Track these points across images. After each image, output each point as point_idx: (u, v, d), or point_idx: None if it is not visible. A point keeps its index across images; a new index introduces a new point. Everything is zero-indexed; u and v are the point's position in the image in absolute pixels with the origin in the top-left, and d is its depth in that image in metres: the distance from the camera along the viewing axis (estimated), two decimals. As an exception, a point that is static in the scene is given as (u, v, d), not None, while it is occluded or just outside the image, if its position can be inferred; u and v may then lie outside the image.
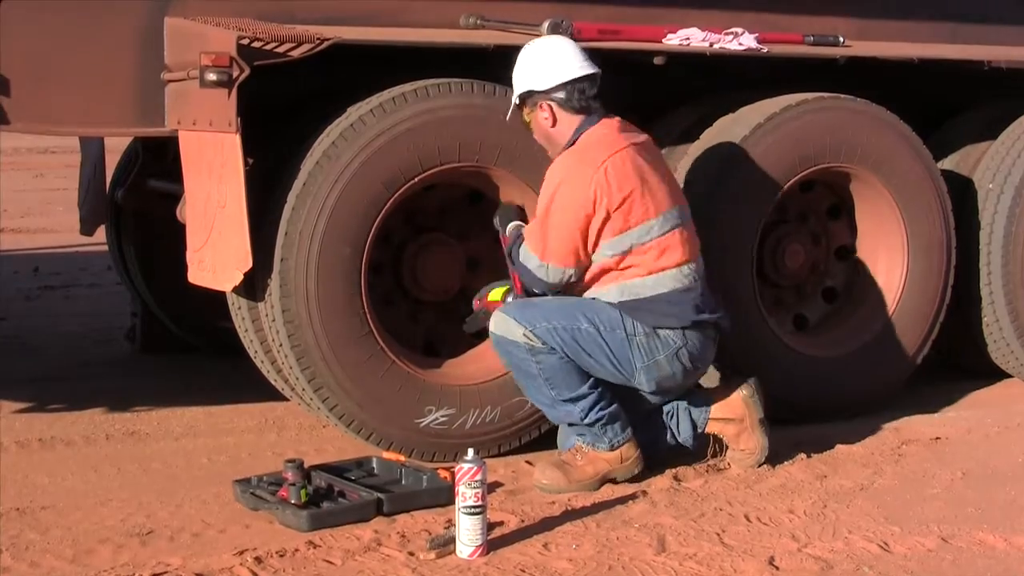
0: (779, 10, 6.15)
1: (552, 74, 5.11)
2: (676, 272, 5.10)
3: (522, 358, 5.02)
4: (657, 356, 5.08)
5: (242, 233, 5.03)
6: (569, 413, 5.07)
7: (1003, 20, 6.84)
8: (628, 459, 5.14)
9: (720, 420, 5.31)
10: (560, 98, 5.11)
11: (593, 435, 5.10)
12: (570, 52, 5.16)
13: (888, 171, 6.15)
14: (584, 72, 5.12)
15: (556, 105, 5.13)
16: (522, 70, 5.17)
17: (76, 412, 6.14)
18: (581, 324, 5.01)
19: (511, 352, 5.04)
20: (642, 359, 5.06)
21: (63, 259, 10.46)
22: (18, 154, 16.94)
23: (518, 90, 5.18)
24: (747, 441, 5.32)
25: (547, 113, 5.14)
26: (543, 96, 5.13)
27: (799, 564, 4.38)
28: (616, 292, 5.08)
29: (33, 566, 4.35)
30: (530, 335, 4.98)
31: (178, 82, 5.08)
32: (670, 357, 5.09)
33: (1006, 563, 4.44)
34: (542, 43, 5.21)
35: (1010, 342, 6.65)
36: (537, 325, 4.99)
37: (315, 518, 4.63)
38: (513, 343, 5.01)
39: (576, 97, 5.11)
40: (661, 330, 5.07)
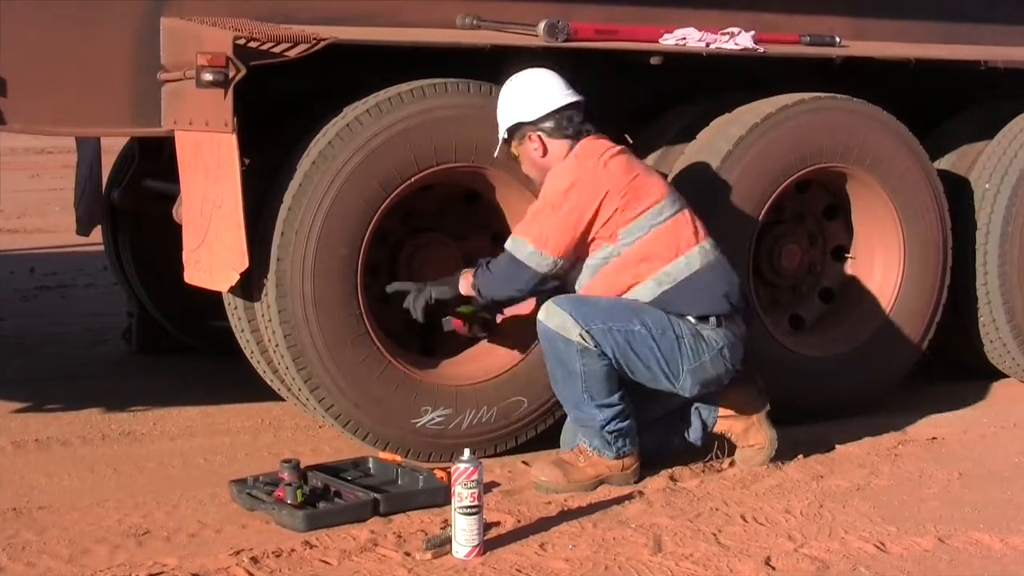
0: (775, 10, 6.15)
1: (538, 104, 5.16)
2: (699, 248, 5.13)
3: (570, 356, 5.00)
4: (703, 358, 5.09)
5: (238, 233, 5.03)
6: (592, 417, 5.08)
7: (1000, 20, 6.84)
8: (628, 468, 5.15)
9: (728, 417, 5.34)
10: (549, 127, 5.16)
11: (603, 442, 5.10)
12: (554, 82, 5.21)
13: (884, 171, 6.15)
14: (569, 100, 5.18)
15: (545, 135, 5.16)
16: (508, 104, 5.21)
17: (72, 412, 6.13)
18: (634, 326, 5.02)
19: (559, 347, 5.02)
20: (689, 361, 5.08)
21: (59, 259, 10.45)
22: (14, 154, 16.92)
23: (505, 124, 5.21)
24: (755, 436, 5.34)
25: (536, 144, 5.17)
26: (531, 127, 5.17)
27: (795, 564, 4.38)
28: (653, 284, 5.09)
29: (29, 566, 4.35)
30: (586, 336, 4.97)
31: (174, 82, 5.08)
32: (715, 357, 5.11)
33: (1002, 563, 4.44)
34: (525, 76, 5.24)
35: (1006, 342, 6.65)
36: (593, 325, 4.98)
37: (311, 518, 4.63)
38: (565, 340, 5.00)
39: (564, 125, 5.16)
40: (704, 330, 5.09)
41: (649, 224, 5.07)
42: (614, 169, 5.07)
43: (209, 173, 5.11)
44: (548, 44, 5.44)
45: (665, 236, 5.08)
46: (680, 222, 5.13)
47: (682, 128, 6.07)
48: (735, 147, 5.82)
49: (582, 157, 5.11)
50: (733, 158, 5.82)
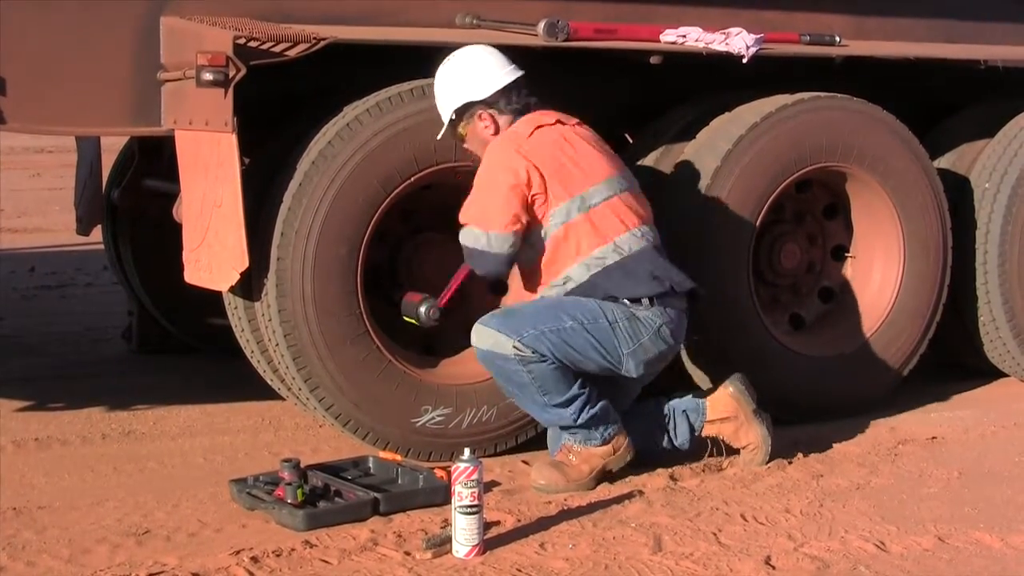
0: (775, 8, 6.14)
1: (487, 82, 5.14)
2: (629, 235, 5.09)
3: (514, 370, 4.99)
4: (642, 339, 5.07)
5: (238, 233, 5.03)
6: (561, 416, 5.07)
7: (1000, 19, 6.84)
8: (620, 448, 5.14)
9: (716, 421, 5.33)
10: (500, 103, 5.14)
11: (585, 433, 5.09)
12: (497, 58, 5.19)
13: (884, 170, 6.15)
14: (516, 75, 5.16)
15: (496, 112, 5.15)
16: (453, 84, 5.16)
17: (73, 411, 6.14)
18: (565, 323, 5.00)
19: (500, 366, 5.01)
20: (628, 344, 5.05)
21: (59, 258, 10.46)
22: (15, 153, 16.94)
23: (454, 104, 5.15)
24: (747, 435, 5.33)
25: (487, 122, 5.15)
26: (482, 106, 5.15)
27: (795, 563, 4.38)
28: (583, 269, 5.06)
29: (30, 566, 4.35)
30: (520, 346, 4.95)
31: (174, 82, 5.08)
32: (653, 337, 5.08)
33: (1003, 563, 4.44)
34: (466, 54, 5.19)
35: (1006, 341, 6.65)
36: (524, 333, 4.96)
37: (311, 518, 4.63)
38: (503, 356, 4.98)
39: (513, 100, 5.15)
40: (639, 312, 5.06)
41: (577, 208, 5.04)
42: (542, 146, 5.04)
43: (209, 172, 5.11)
44: (548, 43, 5.44)
45: (596, 221, 5.05)
46: (614, 206, 5.09)
47: (682, 127, 6.07)
48: (735, 146, 5.82)
49: (509, 135, 5.09)
50: (733, 157, 5.82)
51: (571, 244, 5.06)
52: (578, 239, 5.06)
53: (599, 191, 5.08)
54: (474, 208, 5.09)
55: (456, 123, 5.20)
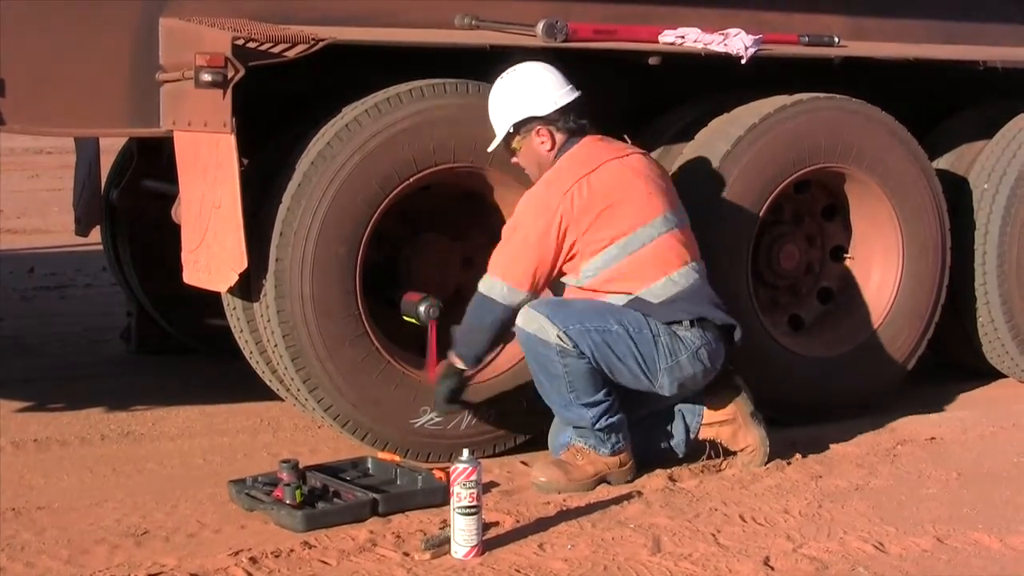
0: (774, 9, 6.15)
1: (549, 98, 5.16)
2: (675, 276, 5.10)
3: (551, 359, 5.00)
4: (680, 357, 5.08)
5: (237, 234, 5.03)
6: (581, 417, 5.07)
7: (998, 20, 6.84)
8: (626, 464, 5.16)
9: (714, 424, 5.32)
10: (559, 122, 5.16)
11: (597, 439, 5.10)
12: (558, 76, 5.22)
13: (883, 171, 6.15)
14: (575, 95, 5.19)
15: (555, 129, 5.16)
16: (515, 97, 5.18)
17: (72, 412, 6.13)
18: (611, 326, 5.01)
19: (539, 352, 5.02)
20: (666, 360, 5.06)
21: (58, 259, 10.45)
22: (14, 154, 16.93)
23: (514, 118, 5.17)
24: (744, 437, 5.32)
25: (545, 138, 5.17)
26: (541, 122, 5.16)
27: (794, 564, 4.38)
28: (621, 299, 5.09)
29: (29, 567, 4.35)
30: (563, 337, 4.96)
31: (173, 83, 5.08)
32: (691, 357, 5.09)
33: (1001, 563, 4.44)
34: (528, 69, 5.22)
35: (1005, 342, 6.65)
36: (571, 326, 4.97)
37: (310, 518, 4.63)
38: (544, 343, 4.99)
39: (572, 119, 5.17)
40: (679, 331, 5.08)
41: (615, 257, 5.06)
42: (579, 200, 5.02)
43: (208, 173, 5.11)
44: (546, 44, 5.44)
45: (633, 267, 5.07)
46: (655, 250, 5.09)
47: (680, 128, 6.07)
48: (733, 147, 5.82)
49: (550, 183, 5.09)
50: (731, 158, 5.82)
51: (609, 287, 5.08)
52: (615, 284, 5.07)
53: (639, 236, 5.07)
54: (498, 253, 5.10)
55: (512, 136, 5.20)
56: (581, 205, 5.03)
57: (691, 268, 5.18)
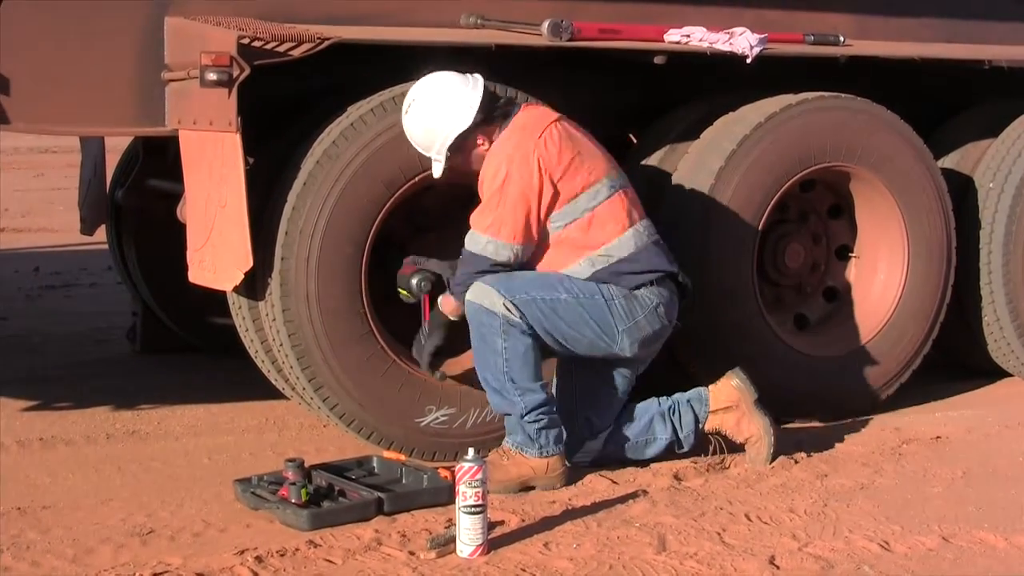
0: (780, 8, 6.14)
1: (463, 108, 5.06)
2: (633, 231, 5.11)
3: (493, 331, 4.97)
4: (637, 316, 5.08)
5: (242, 232, 5.03)
6: (512, 404, 5.03)
7: (1004, 19, 6.83)
8: (554, 472, 5.09)
9: (719, 411, 5.33)
10: (485, 120, 5.08)
11: (525, 437, 5.05)
12: (457, 79, 5.12)
13: (888, 170, 6.15)
14: (480, 86, 5.11)
15: (486, 127, 5.10)
16: (434, 124, 5.07)
17: (77, 411, 6.14)
18: (560, 294, 5.01)
19: (484, 322, 4.99)
20: (624, 321, 5.06)
21: (64, 258, 10.47)
22: (19, 153, 16.96)
23: (445, 143, 5.07)
24: (748, 426, 5.32)
25: (482, 140, 5.11)
26: (472, 130, 5.08)
27: (800, 563, 4.38)
28: (587, 264, 5.08)
29: (34, 566, 4.35)
30: (509, 306, 4.95)
31: (178, 81, 5.08)
32: (649, 314, 5.10)
33: (1007, 562, 4.44)
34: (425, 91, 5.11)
35: (1010, 341, 6.65)
36: (517, 296, 4.96)
37: (316, 517, 4.63)
38: (490, 313, 4.97)
39: (492, 111, 5.10)
40: (637, 290, 5.08)
41: (583, 208, 5.05)
42: (552, 148, 5.01)
43: (213, 172, 5.11)
44: (552, 43, 5.44)
45: (600, 218, 5.06)
46: (616, 204, 5.09)
47: (686, 127, 6.07)
48: (739, 146, 5.82)
49: (519, 134, 5.05)
50: (737, 157, 5.82)
51: (576, 242, 5.07)
52: (581, 238, 5.06)
53: (601, 190, 5.08)
54: (488, 212, 5.05)
55: (451, 158, 5.13)
56: (555, 149, 5.01)
57: (649, 222, 5.19)
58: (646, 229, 5.16)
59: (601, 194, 5.07)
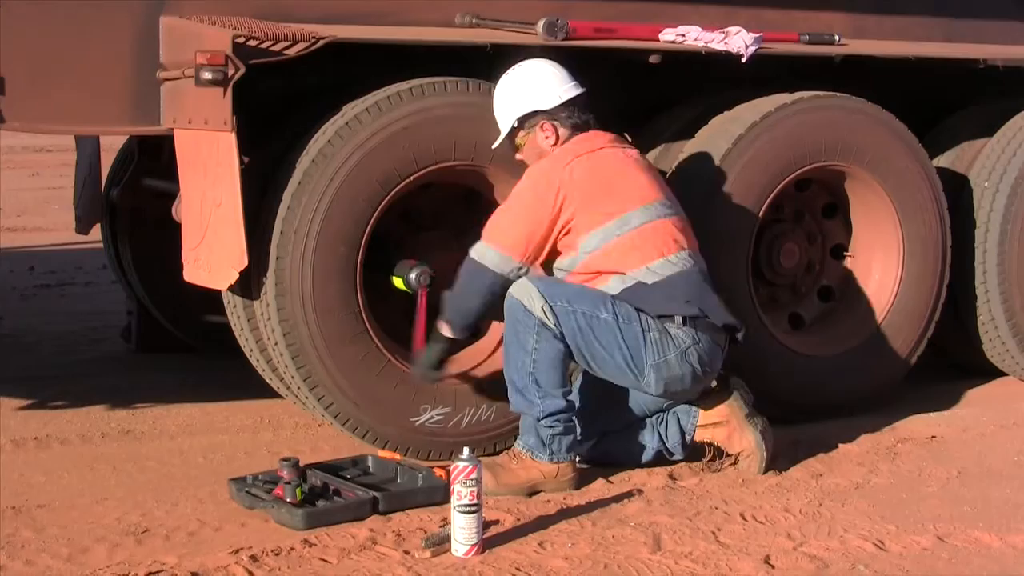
0: (775, 7, 6.14)
1: (554, 92, 5.18)
2: (664, 261, 5.08)
3: (528, 330, 4.96)
4: (668, 355, 5.04)
5: (237, 232, 5.03)
6: (531, 405, 5.01)
7: (999, 18, 6.84)
8: (564, 477, 5.06)
9: (708, 426, 5.28)
10: (563, 116, 5.17)
11: (538, 440, 5.03)
12: (563, 72, 5.23)
13: (884, 169, 6.15)
14: (579, 91, 5.21)
15: (559, 124, 5.17)
16: (520, 92, 5.19)
17: (72, 410, 6.14)
18: (600, 313, 4.99)
19: (519, 320, 4.98)
20: (654, 356, 5.03)
21: (59, 257, 10.46)
22: (14, 152, 16.94)
23: (518, 112, 5.18)
24: (740, 441, 5.27)
25: (549, 132, 5.17)
26: (546, 116, 5.17)
27: (795, 563, 4.38)
28: (617, 282, 5.07)
29: (29, 564, 4.35)
30: (547, 311, 4.94)
31: (174, 81, 5.08)
32: (680, 356, 5.05)
33: (1002, 562, 4.45)
34: (533, 65, 5.24)
35: (1005, 340, 6.65)
36: (558, 303, 4.95)
37: (311, 516, 4.63)
38: (527, 312, 4.96)
39: (576, 114, 5.18)
40: (671, 327, 5.05)
41: (614, 233, 5.04)
42: (578, 176, 5.03)
43: (208, 172, 5.11)
44: (547, 42, 5.44)
45: (631, 244, 5.05)
46: (654, 230, 5.08)
47: (681, 126, 6.07)
48: (734, 145, 5.83)
49: (553, 157, 5.12)
50: (732, 156, 5.82)
51: (606, 265, 5.06)
52: (612, 261, 5.06)
53: (638, 215, 5.07)
54: (494, 227, 5.09)
55: (516, 131, 5.21)
56: (580, 179, 5.03)
57: (689, 255, 5.16)
58: (682, 261, 5.12)
59: (632, 221, 5.05)
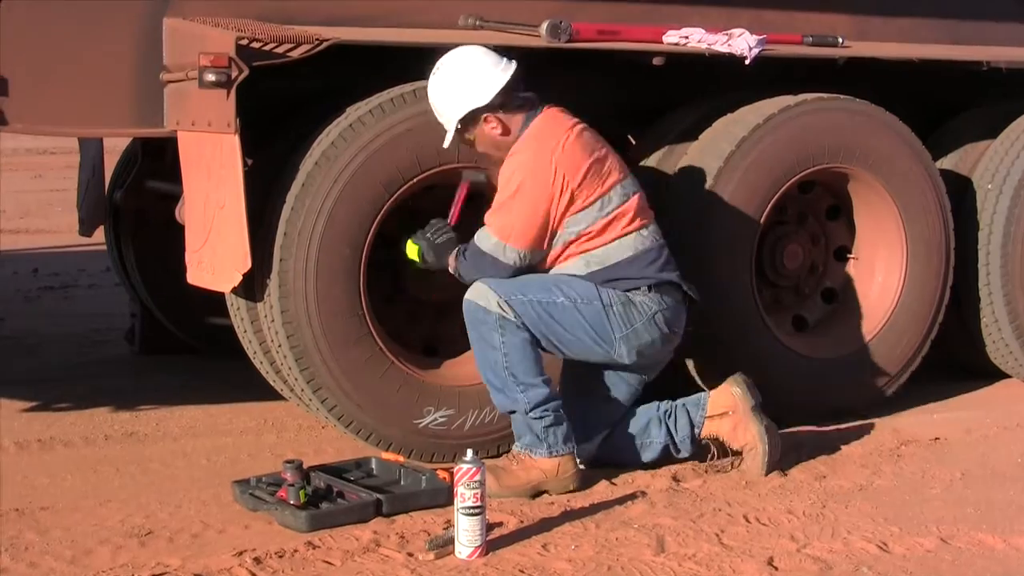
0: (778, 9, 6.14)
1: (486, 85, 5.05)
2: (636, 235, 5.09)
3: (490, 329, 4.96)
4: (635, 324, 5.06)
5: (241, 234, 5.03)
6: (516, 401, 5.00)
7: (1003, 20, 6.84)
8: (565, 473, 5.06)
9: (715, 417, 5.30)
10: (504, 103, 5.06)
11: (533, 436, 5.02)
12: (489, 58, 5.11)
13: (887, 172, 6.15)
14: (510, 71, 5.09)
15: (502, 112, 5.07)
16: (452, 92, 5.07)
17: (75, 413, 6.14)
18: (557, 298, 4.99)
19: (480, 320, 4.98)
20: (621, 328, 5.05)
21: (62, 260, 10.46)
22: (17, 155, 16.96)
23: (458, 113, 5.07)
24: (744, 433, 5.26)
25: (495, 124, 5.08)
26: (486, 110, 5.07)
27: (798, 564, 4.38)
28: (581, 264, 5.06)
29: (32, 567, 4.35)
30: (504, 305, 4.94)
31: (177, 83, 5.08)
32: (647, 323, 5.07)
33: (1005, 564, 4.44)
34: (457, 59, 5.10)
35: (1008, 342, 6.65)
36: (513, 297, 4.96)
37: (314, 519, 4.63)
38: (485, 311, 4.96)
39: (516, 96, 5.09)
40: (636, 296, 5.06)
41: (595, 216, 5.03)
42: (571, 156, 4.99)
43: (212, 174, 5.11)
44: (550, 45, 5.44)
45: (605, 226, 5.05)
46: (625, 210, 5.07)
47: (684, 128, 6.07)
48: (737, 148, 5.82)
49: (542, 138, 5.04)
50: (736, 159, 5.82)
51: (578, 244, 5.06)
52: (584, 241, 5.06)
53: (613, 197, 5.06)
54: (500, 215, 5.04)
55: (462, 131, 5.14)
56: (574, 153, 5.00)
57: (655, 228, 5.18)
58: (648, 236, 5.14)
59: (613, 201, 5.06)
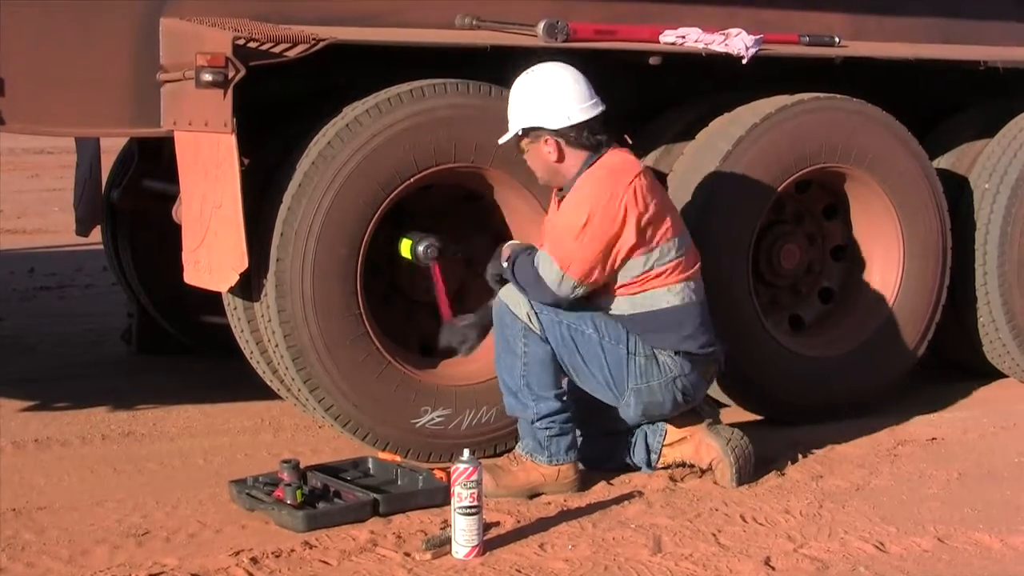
0: (775, 9, 6.14)
1: (563, 113, 4.97)
2: (684, 286, 5.04)
3: (514, 334, 4.96)
4: (651, 381, 5.03)
5: (238, 233, 5.03)
6: (525, 408, 5.00)
7: (999, 19, 6.84)
8: (565, 479, 5.05)
9: (674, 443, 5.23)
10: (571, 136, 5.00)
11: (536, 443, 5.02)
12: (580, 89, 5.01)
13: (884, 171, 6.15)
14: (594, 112, 5.01)
15: (564, 143, 5.01)
16: (529, 103, 5.01)
17: (72, 412, 6.14)
18: (586, 328, 4.97)
19: (507, 323, 4.98)
20: (636, 380, 5.02)
21: (59, 259, 10.46)
22: (14, 155, 16.94)
23: (523, 123, 5.02)
24: (707, 452, 5.18)
25: (552, 148, 5.01)
26: (551, 133, 5.00)
27: (795, 564, 4.38)
28: (627, 305, 5.03)
29: (29, 567, 4.35)
30: (532, 317, 4.93)
31: (174, 82, 5.08)
32: (664, 384, 5.03)
33: (1002, 563, 4.45)
34: (550, 75, 5.03)
35: (1006, 342, 6.65)
36: (544, 312, 4.94)
37: (311, 519, 4.63)
38: (514, 316, 4.96)
39: (585, 136, 5.00)
40: (661, 355, 5.02)
41: (655, 261, 4.98)
42: (640, 197, 4.92)
43: (209, 173, 5.11)
44: (547, 44, 5.44)
45: (660, 271, 5.00)
46: (680, 263, 5.03)
47: (681, 128, 6.07)
48: (735, 147, 5.82)
49: (614, 175, 4.95)
50: (733, 158, 5.82)
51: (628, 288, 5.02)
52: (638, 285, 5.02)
53: (672, 249, 5.01)
54: (566, 244, 4.92)
55: (521, 138, 5.08)
56: (644, 196, 4.93)
57: (697, 286, 5.12)
58: (695, 290, 5.08)
59: (672, 252, 5.00)
